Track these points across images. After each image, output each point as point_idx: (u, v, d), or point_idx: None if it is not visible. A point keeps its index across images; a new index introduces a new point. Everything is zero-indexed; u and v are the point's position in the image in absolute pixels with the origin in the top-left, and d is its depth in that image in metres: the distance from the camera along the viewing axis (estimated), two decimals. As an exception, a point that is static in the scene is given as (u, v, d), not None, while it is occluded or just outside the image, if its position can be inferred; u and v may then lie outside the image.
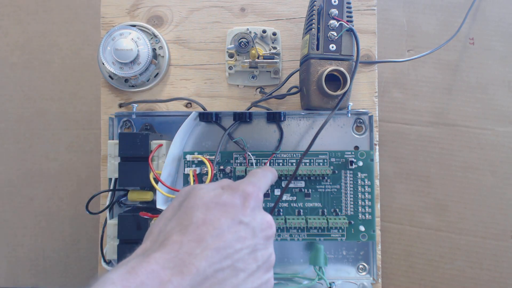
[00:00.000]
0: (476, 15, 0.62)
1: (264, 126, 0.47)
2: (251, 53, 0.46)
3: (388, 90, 0.62)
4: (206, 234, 0.27)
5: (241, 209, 0.29)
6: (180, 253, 0.26)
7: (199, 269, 0.26)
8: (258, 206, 0.31)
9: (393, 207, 0.61)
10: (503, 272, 0.58)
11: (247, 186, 0.31)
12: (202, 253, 0.26)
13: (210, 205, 0.29)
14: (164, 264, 0.26)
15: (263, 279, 0.30)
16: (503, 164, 0.60)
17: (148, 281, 0.24)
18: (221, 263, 0.27)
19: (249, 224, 0.29)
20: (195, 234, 0.27)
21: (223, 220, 0.28)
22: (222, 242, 0.27)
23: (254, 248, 0.29)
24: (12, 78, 0.68)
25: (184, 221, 0.28)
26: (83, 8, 0.69)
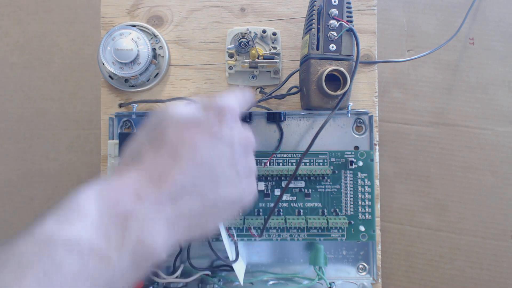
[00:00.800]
0: (476, 15, 0.62)
1: (264, 126, 0.47)
2: (251, 53, 0.46)
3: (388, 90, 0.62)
4: (181, 149, 0.26)
5: (216, 124, 0.28)
6: (155, 168, 0.26)
7: (176, 180, 0.25)
8: (235, 121, 0.29)
9: (393, 207, 0.61)
10: (503, 272, 0.58)
11: (221, 102, 0.29)
12: (178, 167, 0.26)
13: (183, 122, 0.28)
14: (140, 179, 0.25)
15: (246, 188, 0.30)
16: (503, 164, 0.60)
17: (124, 196, 0.24)
18: (199, 174, 0.26)
19: (226, 138, 0.28)
20: (170, 150, 0.26)
21: (199, 135, 0.27)
22: (199, 156, 0.27)
23: (233, 161, 0.28)
24: (12, 78, 0.68)
25: (157, 140, 0.27)
26: (83, 8, 0.69)
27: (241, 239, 0.44)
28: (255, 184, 0.31)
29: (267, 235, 0.45)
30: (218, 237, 0.45)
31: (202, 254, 0.46)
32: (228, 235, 0.44)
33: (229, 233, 0.44)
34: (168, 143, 0.27)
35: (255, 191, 0.31)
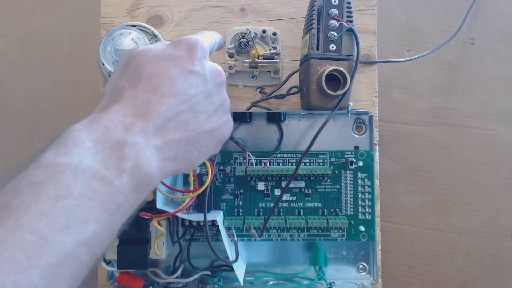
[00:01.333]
0: (476, 15, 0.61)
1: (264, 126, 0.47)
2: (251, 53, 0.46)
3: (388, 90, 0.62)
4: (159, 84, 0.28)
5: (188, 59, 0.30)
6: (137, 103, 0.27)
7: (159, 113, 0.27)
8: (204, 57, 0.31)
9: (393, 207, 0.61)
10: (503, 272, 0.58)
11: (190, 39, 0.31)
12: (159, 100, 0.27)
13: (156, 59, 0.29)
14: (124, 113, 0.26)
15: (223, 120, 0.32)
16: (503, 164, 0.60)
17: (112, 126, 0.25)
18: (179, 107, 0.28)
19: (199, 72, 0.30)
20: (148, 85, 0.28)
21: (173, 70, 0.29)
22: (177, 89, 0.28)
23: (208, 93, 0.30)
24: (12, 78, 0.68)
25: (134, 77, 0.28)
26: (83, 8, 0.69)
27: (241, 239, 0.44)
28: (231, 120, 0.34)
29: (267, 235, 0.45)
30: (218, 237, 0.45)
31: (202, 254, 0.46)
32: (228, 235, 0.44)
33: (229, 233, 0.44)
34: (145, 78, 0.28)
35: (231, 124, 0.34)
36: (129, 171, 0.25)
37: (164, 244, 0.41)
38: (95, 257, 0.24)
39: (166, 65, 0.29)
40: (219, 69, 0.32)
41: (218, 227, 0.42)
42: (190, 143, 0.29)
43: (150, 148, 0.26)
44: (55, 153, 0.23)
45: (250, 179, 0.45)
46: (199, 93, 0.30)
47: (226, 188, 0.45)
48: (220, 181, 0.45)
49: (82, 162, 0.23)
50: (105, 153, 0.24)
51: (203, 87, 0.30)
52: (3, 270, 0.19)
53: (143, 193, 0.26)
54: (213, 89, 0.31)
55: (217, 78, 0.31)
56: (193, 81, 0.29)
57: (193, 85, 0.29)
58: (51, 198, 0.21)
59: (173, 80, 0.28)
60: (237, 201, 0.45)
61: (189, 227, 0.44)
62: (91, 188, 0.23)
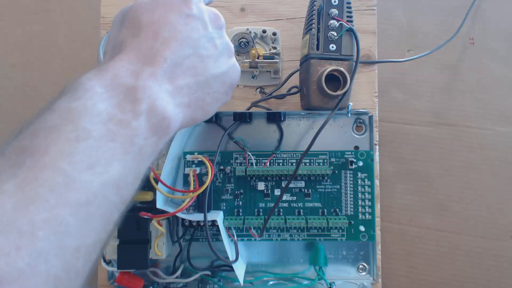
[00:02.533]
0: (476, 15, 0.61)
1: (264, 126, 0.47)
2: (251, 53, 0.46)
3: (388, 90, 0.62)
4: (160, 30, 0.27)
5: (184, 4, 0.29)
6: (142, 50, 0.26)
7: (165, 57, 0.27)
8: (199, 1, 0.31)
9: (393, 207, 0.61)
10: (503, 272, 0.58)
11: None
12: (163, 45, 0.27)
13: (152, 7, 0.28)
14: (130, 60, 0.26)
15: (229, 63, 0.32)
16: (503, 164, 0.60)
17: (121, 73, 0.25)
18: (184, 51, 0.28)
19: (197, 16, 0.29)
20: (149, 32, 0.27)
21: (171, 15, 0.28)
22: (178, 34, 0.28)
23: (210, 37, 0.30)
24: (12, 78, 0.68)
25: (133, 27, 0.28)
26: (83, 8, 0.69)
27: (241, 239, 0.44)
28: (237, 64, 0.34)
29: (267, 235, 0.45)
30: (218, 237, 0.45)
31: (202, 254, 0.46)
32: (228, 235, 0.44)
33: (229, 233, 0.44)
34: (144, 26, 0.27)
35: (239, 68, 0.34)
36: (145, 113, 0.24)
37: (164, 244, 0.41)
38: (124, 200, 0.23)
39: (163, 11, 0.28)
40: (217, 12, 0.32)
41: (218, 227, 0.42)
42: (201, 88, 0.29)
43: (163, 92, 0.26)
44: (67, 99, 0.23)
45: (250, 179, 0.45)
46: (201, 37, 0.29)
47: (226, 188, 0.45)
48: (220, 181, 0.45)
49: (96, 105, 0.23)
50: (118, 98, 0.24)
51: (204, 30, 0.29)
52: (32, 209, 0.18)
53: (162, 137, 0.26)
54: (214, 32, 0.30)
55: (217, 21, 0.31)
56: (193, 24, 0.29)
57: (194, 29, 0.29)
58: (71, 140, 0.21)
59: (173, 25, 0.28)
60: (237, 201, 0.45)
61: (189, 227, 0.44)
62: (109, 130, 0.22)
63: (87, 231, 0.21)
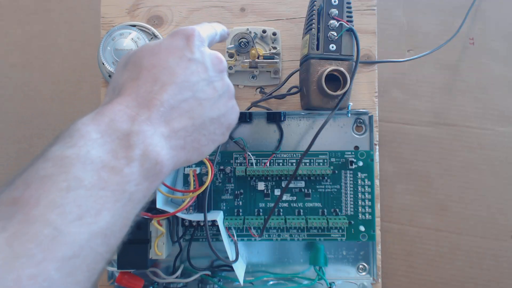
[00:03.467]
0: (476, 15, 0.62)
1: (264, 126, 0.47)
2: (251, 53, 0.46)
3: (388, 90, 0.62)
4: (159, 73, 0.28)
5: (186, 48, 0.30)
6: (139, 94, 0.27)
7: (162, 101, 0.27)
8: (202, 45, 0.31)
9: (393, 207, 0.61)
10: (503, 272, 0.58)
11: (186, 28, 0.31)
12: (161, 89, 0.27)
13: (154, 51, 0.29)
14: (128, 104, 0.26)
15: (228, 106, 0.32)
16: (503, 164, 0.60)
17: (117, 117, 0.25)
18: (182, 94, 0.28)
19: (198, 60, 0.30)
20: (148, 76, 0.28)
21: (171, 59, 0.29)
22: (177, 77, 0.28)
23: (210, 80, 0.30)
24: (12, 78, 0.68)
25: (134, 70, 0.28)
26: (83, 8, 0.69)
27: (241, 239, 0.44)
28: (236, 106, 0.33)
29: (267, 235, 0.45)
30: (218, 237, 0.45)
31: (202, 254, 0.46)
32: (228, 235, 0.44)
33: (229, 233, 0.44)
34: (145, 69, 0.28)
35: (237, 110, 0.34)
36: (139, 159, 0.24)
37: (164, 244, 0.41)
38: (111, 248, 0.23)
39: (164, 55, 0.29)
40: (219, 56, 0.32)
41: (218, 227, 0.42)
42: (197, 131, 0.29)
43: (158, 136, 0.26)
44: (62, 146, 0.23)
45: (250, 179, 0.45)
46: (200, 80, 0.29)
47: (226, 188, 0.45)
48: (220, 181, 0.45)
49: (90, 153, 0.23)
50: (112, 143, 0.24)
51: (204, 74, 0.30)
52: (18, 265, 0.19)
53: (154, 182, 0.26)
54: (214, 75, 0.31)
55: (218, 65, 0.31)
56: (193, 68, 0.29)
57: (194, 73, 0.29)
58: (62, 190, 0.21)
59: (172, 68, 0.28)
60: (237, 201, 0.45)
61: (189, 227, 0.44)
62: (101, 178, 0.23)
63: (71, 284, 0.21)
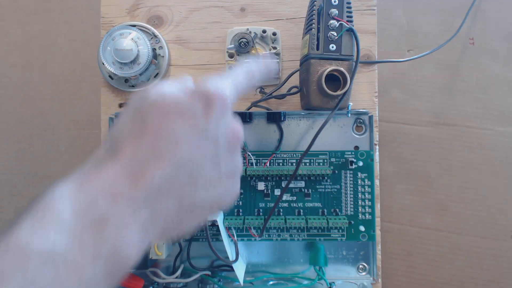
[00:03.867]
0: (476, 15, 0.62)
1: (264, 126, 0.47)
2: (251, 53, 0.46)
3: (388, 90, 0.62)
4: (161, 143, 0.24)
5: (202, 116, 0.25)
6: (133, 162, 0.24)
7: (153, 180, 0.24)
8: (223, 112, 0.26)
9: (393, 207, 0.61)
10: (503, 272, 0.58)
11: (212, 88, 0.26)
12: (156, 164, 0.24)
13: (167, 110, 0.25)
14: (116, 175, 0.23)
15: (226, 187, 0.28)
16: (503, 164, 0.60)
17: (100, 196, 0.23)
18: (177, 173, 0.24)
19: (211, 134, 0.25)
20: (149, 142, 0.24)
21: (181, 128, 0.25)
22: (179, 153, 0.24)
23: (216, 160, 0.26)
24: (12, 78, 0.68)
25: (138, 127, 0.25)
26: (83, 8, 0.69)
27: (241, 239, 0.44)
28: (238, 184, 0.29)
29: (267, 235, 0.45)
30: (218, 237, 0.45)
31: (202, 254, 0.46)
32: (228, 235, 0.44)
33: (229, 233, 0.44)
34: (149, 133, 0.24)
35: (237, 192, 0.29)
36: (106, 257, 0.22)
37: (164, 244, 0.41)
38: None
39: (175, 119, 0.25)
40: (237, 131, 0.28)
41: (218, 227, 0.42)
42: (182, 214, 0.26)
43: (135, 225, 0.23)
44: (30, 229, 0.21)
45: (250, 179, 0.45)
46: (205, 161, 0.26)
47: (226, 188, 0.45)
48: (220, 181, 0.45)
49: (56, 246, 0.21)
50: (83, 232, 0.22)
51: (213, 151, 0.26)
52: None
53: (115, 279, 0.23)
54: (224, 155, 0.27)
55: (232, 142, 0.27)
56: (202, 144, 0.25)
57: (201, 149, 0.25)
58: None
59: (177, 140, 0.24)
60: (237, 201, 0.45)
61: (189, 227, 0.44)
62: (58, 278, 0.21)
63: None
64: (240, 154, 0.28)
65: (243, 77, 0.29)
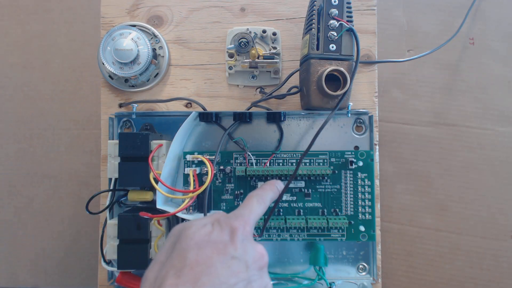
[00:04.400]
0: (476, 15, 0.62)
1: (264, 126, 0.47)
2: (251, 53, 0.46)
3: (388, 90, 0.62)
4: (201, 274, 0.28)
5: (231, 244, 0.30)
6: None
7: None
8: (247, 238, 0.31)
9: (393, 207, 0.61)
10: (503, 272, 0.58)
11: (234, 221, 0.32)
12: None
13: (201, 244, 0.30)
14: None
15: None
16: (503, 164, 0.60)
17: None
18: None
19: (241, 258, 0.30)
20: (190, 275, 0.28)
21: (215, 257, 0.29)
22: (217, 279, 0.28)
23: (249, 280, 0.30)
24: (12, 78, 0.68)
25: (178, 263, 0.29)
26: (83, 8, 0.69)
27: (241, 239, 0.44)
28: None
29: (267, 235, 0.45)
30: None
31: (202, 254, 0.46)
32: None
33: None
34: (188, 266, 0.28)
35: None
36: None
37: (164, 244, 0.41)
38: None
39: (209, 251, 0.29)
40: (261, 252, 0.32)
41: None
42: None
43: None
44: None
45: (250, 179, 0.45)
46: (239, 281, 0.29)
47: (226, 188, 0.45)
48: (220, 181, 0.45)
49: None
50: None
51: (245, 273, 0.30)
52: None
53: None
54: (254, 274, 0.30)
55: (259, 262, 0.31)
56: (234, 268, 0.29)
57: (234, 273, 0.29)
58: None
59: (214, 268, 0.28)
60: (237, 201, 0.45)
61: (189, 227, 0.44)
62: None
63: None
64: (267, 273, 0.32)
65: (258, 207, 0.36)
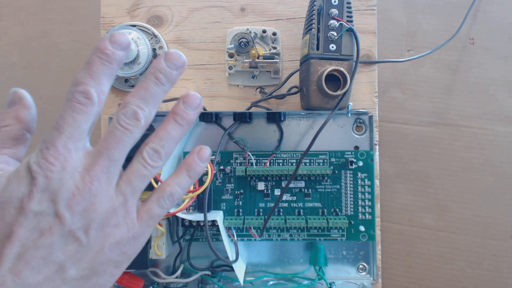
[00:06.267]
0: (476, 15, 0.61)
1: (264, 126, 0.47)
2: (251, 53, 0.46)
3: (388, 90, 0.62)
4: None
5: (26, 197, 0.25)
6: None
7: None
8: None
9: (393, 207, 0.61)
10: (503, 272, 0.58)
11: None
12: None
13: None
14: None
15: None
16: (503, 164, 0.60)
17: None
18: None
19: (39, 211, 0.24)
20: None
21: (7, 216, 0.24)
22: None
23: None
24: (12, 78, 0.68)
25: None
26: (83, 8, 0.69)
27: (241, 239, 0.44)
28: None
29: (267, 235, 0.45)
30: (218, 237, 0.45)
31: (202, 254, 0.46)
32: (228, 235, 0.44)
33: (229, 233, 0.44)
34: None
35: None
36: None
37: (164, 244, 0.41)
38: None
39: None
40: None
41: (218, 227, 0.42)
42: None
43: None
44: None
45: (250, 179, 0.45)
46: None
47: (226, 188, 0.45)
48: (220, 181, 0.45)
49: None
50: None
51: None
52: None
53: None
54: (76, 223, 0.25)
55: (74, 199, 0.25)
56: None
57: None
58: None
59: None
60: (237, 201, 0.45)
61: (189, 227, 0.44)
62: None
63: None
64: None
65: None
